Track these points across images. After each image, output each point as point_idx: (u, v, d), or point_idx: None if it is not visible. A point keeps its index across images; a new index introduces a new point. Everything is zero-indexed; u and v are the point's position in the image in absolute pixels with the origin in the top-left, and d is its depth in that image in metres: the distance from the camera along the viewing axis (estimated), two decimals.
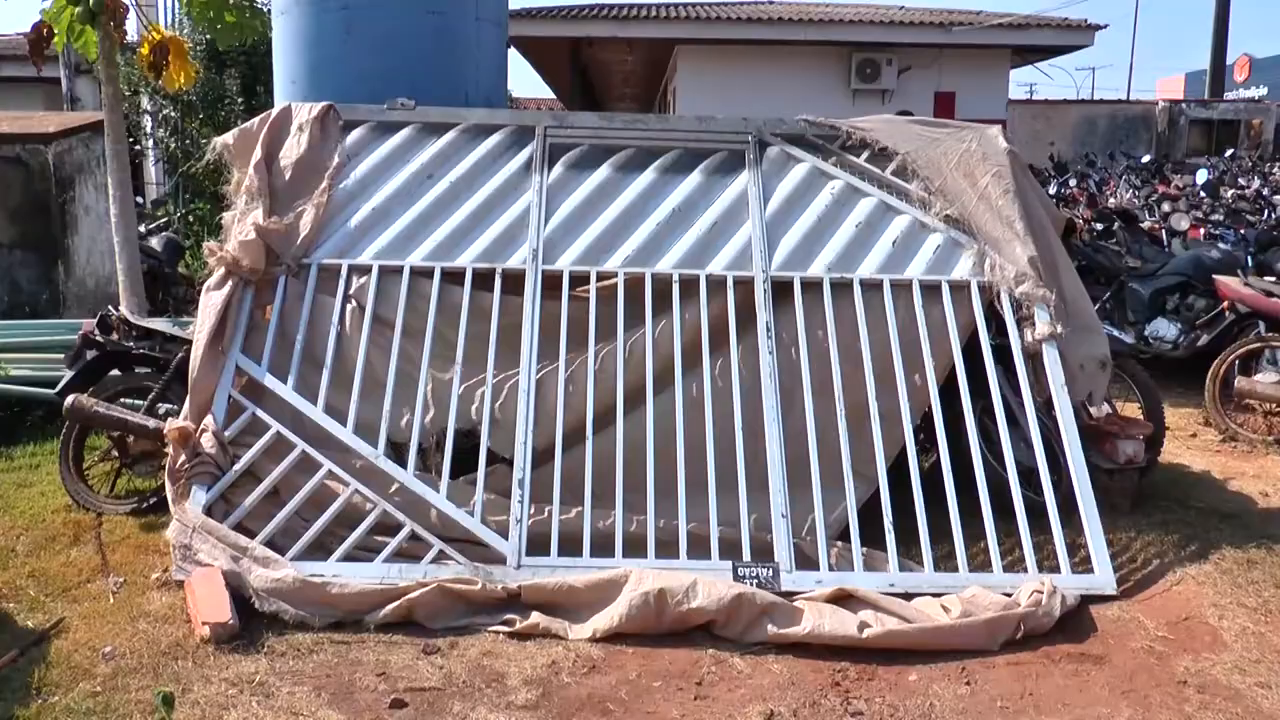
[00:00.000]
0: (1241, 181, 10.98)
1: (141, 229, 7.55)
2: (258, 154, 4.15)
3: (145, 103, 10.97)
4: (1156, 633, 3.10)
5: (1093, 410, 4.11)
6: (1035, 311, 3.90)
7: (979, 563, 3.40)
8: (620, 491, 3.47)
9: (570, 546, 3.36)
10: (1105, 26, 13.26)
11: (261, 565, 3.18)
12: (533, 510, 3.47)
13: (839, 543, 3.49)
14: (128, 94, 10.44)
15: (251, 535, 3.32)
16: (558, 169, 4.36)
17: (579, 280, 3.98)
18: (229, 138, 4.28)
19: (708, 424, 3.62)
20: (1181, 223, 7.37)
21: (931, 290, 3.98)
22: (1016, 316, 3.91)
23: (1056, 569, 3.36)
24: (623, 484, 3.49)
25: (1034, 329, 3.87)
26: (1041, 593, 3.15)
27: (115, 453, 4.06)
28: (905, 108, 11.81)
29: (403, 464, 3.56)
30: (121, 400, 4.13)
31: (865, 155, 4.44)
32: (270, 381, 3.73)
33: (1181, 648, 3.01)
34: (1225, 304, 5.89)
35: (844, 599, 3.17)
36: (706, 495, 3.46)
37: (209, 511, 3.40)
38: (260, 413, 3.67)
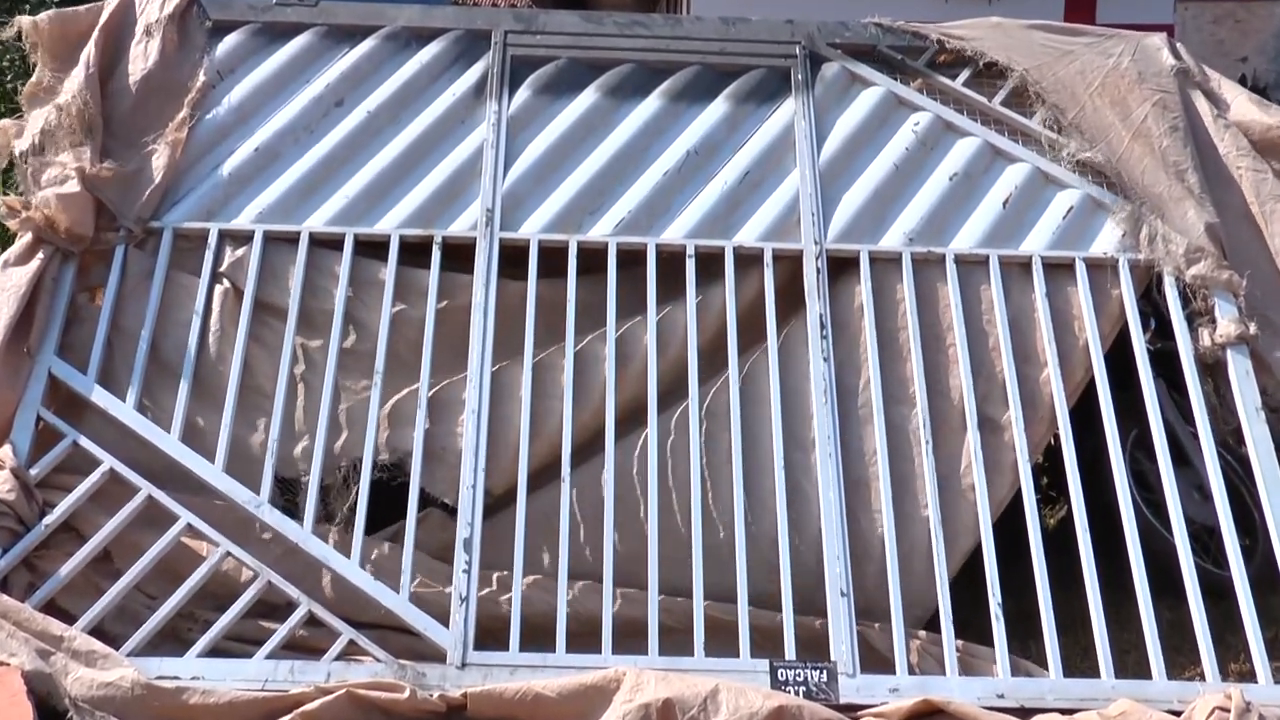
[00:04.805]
0: None
1: None
2: (87, 66, 4.16)
3: None
4: None
5: None
6: (1216, 303, 3.94)
7: (1132, 665, 3.42)
8: (610, 554, 3.50)
9: (538, 635, 3.37)
10: None
11: (84, 663, 3.18)
12: (484, 583, 3.49)
13: (922, 633, 3.52)
14: None
15: (70, 619, 3.33)
16: (523, 93, 4.41)
17: (553, 253, 4.02)
18: (42, 19, 4.25)
19: (735, 457, 3.65)
20: None
21: (1061, 271, 4.02)
22: (1187, 310, 3.96)
23: (1250, 676, 3.38)
24: (613, 543, 3.52)
25: (1214, 328, 3.91)
26: (1228, 711, 3.14)
27: None
28: (1021, 9, 11.87)
29: (297, 515, 3.59)
30: None
31: (964, 76, 4.50)
32: (101, 396, 3.75)
33: None
34: None
35: (931, 715, 3.18)
36: (732, 561, 3.49)
37: (5, 585, 3.41)
38: (85, 441, 3.68)
